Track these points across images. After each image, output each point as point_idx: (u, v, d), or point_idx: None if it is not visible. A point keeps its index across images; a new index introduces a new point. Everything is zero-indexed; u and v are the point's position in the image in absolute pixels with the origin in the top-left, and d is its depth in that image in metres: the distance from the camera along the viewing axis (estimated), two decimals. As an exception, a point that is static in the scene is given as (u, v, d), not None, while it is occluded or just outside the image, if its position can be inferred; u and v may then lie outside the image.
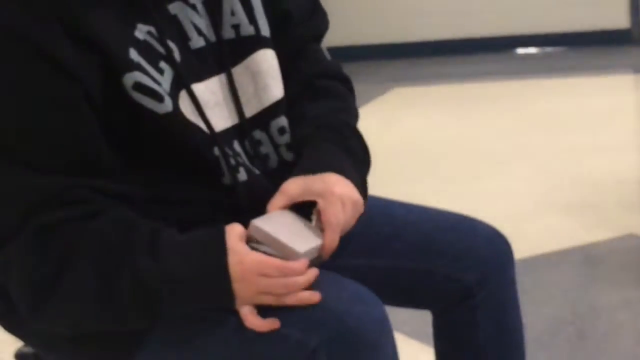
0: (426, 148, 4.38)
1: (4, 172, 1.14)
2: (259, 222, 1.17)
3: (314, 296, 1.13)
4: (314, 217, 1.22)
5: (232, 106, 1.31)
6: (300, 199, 1.23)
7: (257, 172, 1.30)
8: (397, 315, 1.29)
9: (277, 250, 1.16)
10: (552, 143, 4.21)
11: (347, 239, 1.31)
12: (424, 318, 1.49)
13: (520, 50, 6.30)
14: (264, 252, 1.16)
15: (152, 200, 1.20)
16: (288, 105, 1.35)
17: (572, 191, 3.53)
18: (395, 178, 3.70)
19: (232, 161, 1.25)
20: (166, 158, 1.21)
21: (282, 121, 1.33)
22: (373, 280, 1.29)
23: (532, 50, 6.34)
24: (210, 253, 1.14)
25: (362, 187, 1.30)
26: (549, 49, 6.25)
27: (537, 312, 1.55)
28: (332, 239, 1.19)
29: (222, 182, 1.24)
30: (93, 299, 1.15)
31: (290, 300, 1.14)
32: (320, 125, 1.34)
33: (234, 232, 1.15)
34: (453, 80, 5.75)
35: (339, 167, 1.28)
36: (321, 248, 1.19)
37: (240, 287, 1.13)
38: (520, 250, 1.52)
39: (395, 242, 1.44)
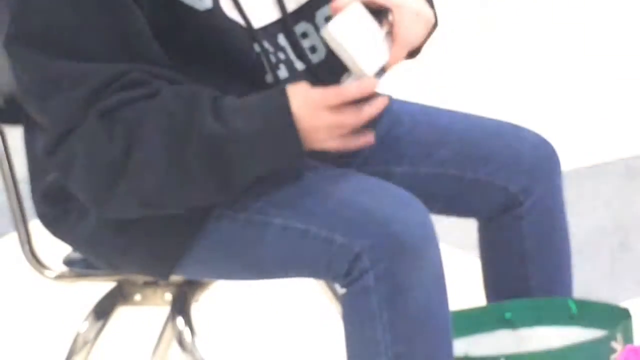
0: (467, 49, 4.05)
1: (62, 65, 1.11)
2: (332, 28, 1.09)
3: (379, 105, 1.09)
4: (384, 27, 1.13)
5: (273, 0, 1.27)
6: (375, 2, 1.17)
7: (299, 68, 1.25)
8: (441, 224, 1.24)
9: (346, 61, 1.10)
10: (594, 52, 3.90)
11: (386, 146, 1.33)
12: (469, 227, 1.45)
13: None
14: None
15: None
16: None
17: (612, 105, 3.42)
18: (432, 72, 3.47)
19: (273, 58, 1.21)
20: (209, 56, 1.17)
21: (328, 10, 1.26)
22: (417, 188, 1.24)
23: None
24: (272, 102, 1.11)
25: (432, 6, 1.26)
26: None
27: (579, 223, 1.50)
28: (399, 55, 1.13)
29: (264, 80, 1.20)
30: (164, 171, 1.12)
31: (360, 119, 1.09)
32: None
33: (296, 86, 1.12)
34: None
35: None
36: (386, 64, 1.14)
37: (307, 128, 1.10)
38: (565, 156, 1.49)
39: (440, 149, 1.38)
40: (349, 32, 1.11)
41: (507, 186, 1.34)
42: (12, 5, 1.15)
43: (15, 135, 1.41)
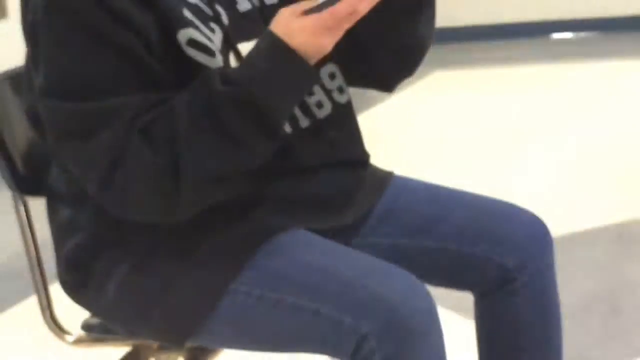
0: (463, 127, 4.29)
1: (95, 106, 1.17)
2: None
3: None
4: None
5: None
6: None
7: (304, 125, 1.31)
8: (445, 293, 1.31)
9: None
10: (587, 124, 4.11)
11: (384, 220, 1.37)
12: (465, 294, 1.50)
13: (556, 35, 6.20)
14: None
15: None
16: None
17: (606, 171, 3.48)
18: (425, 153, 3.77)
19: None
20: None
21: (331, 67, 1.34)
22: (417, 260, 1.32)
23: (567, 35, 6.23)
24: (264, 44, 1.15)
25: None
26: (583, 34, 6.16)
27: (571, 288, 1.56)
28: None
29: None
30: (214, 150, 1.17)
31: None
32: None
33: (277, 20, 1.16)
34: (489, 64, 5.66)
35: None
36: None
37: (313, 51, 1.13)
38: (555, 227, 1.51)
39: (439, 224, 1.42)
40: None
41: (503, 262, 1.37)
42: (41, 63, 1.21)
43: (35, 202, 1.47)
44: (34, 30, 1.22)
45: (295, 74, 1.17)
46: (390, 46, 1.39)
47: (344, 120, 1.40)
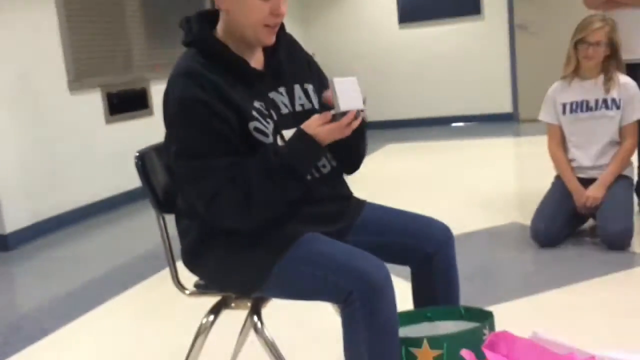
0: (403, 177, 5.47)
1: (203, 163, 1.47)
2: (335, 80, 1.48)
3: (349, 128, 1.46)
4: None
5: None
6: None
7: (316, 175, 1.62)
8: (393, 267, 1.60)
9: (334, 100, 1.47)
10: (472, 174, 5.29)
11: (360, 228, 1.69)
12: (405, 267, 1.79)
13: (454, 124, 7.92)
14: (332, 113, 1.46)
15: None
16: None
17: (481, 199, 4.36)
18: (384, 191, 4.90)
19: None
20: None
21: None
22: (377, 249, 1.59)
23: (459, 124, 7.98)
24: (298, 137, 1.50)
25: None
26: (467, 124, 7.96)
27: (464, 263, 1.85)
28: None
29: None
30: (268, 191, 1.46)
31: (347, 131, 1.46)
32: None
33: (307, 126, 1.48)
34: (418, 141, 7.21)
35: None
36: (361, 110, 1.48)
37: (325, 138, 1.48)
38: (455, 230, 1.83)
39: (390, 229, 1.71)
40: (340, 85, 1.48)
41: (426, 250, 1.69)
42: (174, 138, 1.53)
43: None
44: (170, 119, 1.54)
45: (314, 151, 1.51)
46: (350, 155, 1.75)
47: (337, 174, 1.69)
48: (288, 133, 1.58)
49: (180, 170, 1.52)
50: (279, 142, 1.57)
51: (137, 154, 1.77)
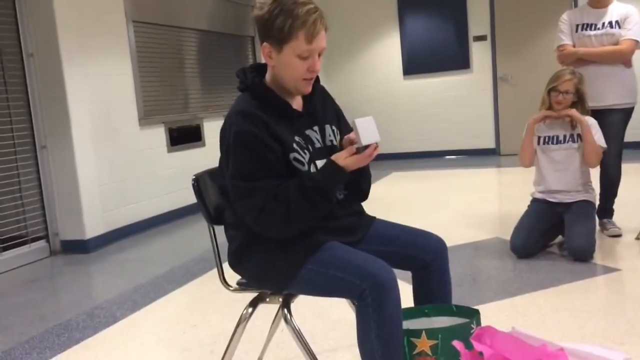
0: (406, 200, 5.38)
1: (252, 184, 1.48)
2: (357, 120, 1.49)
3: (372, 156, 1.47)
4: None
5: None
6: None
7: (334, 200, 1.63)
8: (397, 271, 1.54)
9: (356, 135, 1.48)
10: (462, 197, 5.19)
11: (371, 239, 1.67)
12: (407, 272, 1.76)
13: (447, 157, 7.88)
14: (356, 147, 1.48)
15: None
16: None
17: (469, 218, 4.27)
18: (390, 210, 4.76)
19: None
20: None
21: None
22: (385, 256, 1.59)
23: (452, 157, 7.95)
24: (329, 165, 1.51)
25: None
26: (458, 157, 7.93)
27: (455, 270, 1.77)
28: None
29: None
30: (305, 209, 1.47)
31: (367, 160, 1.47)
32: None
33: (337, 157, 1.49)
34: (418, 169, 7.17)
35: None
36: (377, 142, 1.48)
37: (350, 166, 1.49)
38: (448, 242, 1.79)
39: (395, 240, 1.70)
40: (361, 124, 1.50)
41: (425, 258, 1.68)
42: (231, 164, 1.52)
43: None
44: (227, 149, 1.53)
45: (342, 177, 1.53)
46: (358, 188, 1.74)
47: (349, 199, 1.69)
48: (320, 163, 1.60)
49: (234, 189, 1.52)
50: (312, 169, 1.59)
51: (194, 177, 1.78)
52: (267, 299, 1.72)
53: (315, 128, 1.63)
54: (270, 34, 1.50)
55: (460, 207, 4.81)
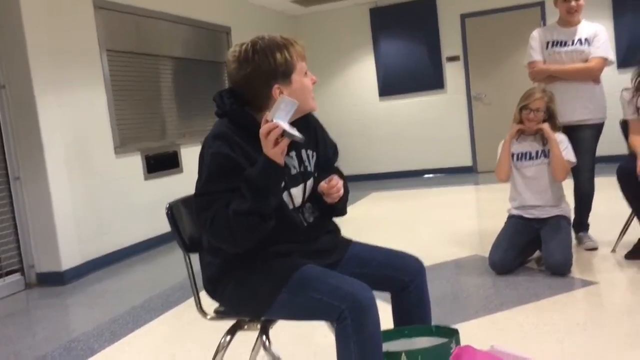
0: (385, 219, 5.42)
1: (212, 198, 1.47)
2: (284, 98, 1.43)
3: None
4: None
5: (301, 196, 1.64)
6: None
7: (307, 223, 1.64)
8: (377, 293, 1.51)
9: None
10: (440, 215, 5.25)
11: (348, 261, 1.67)
12: (386, 293, 1.73)
13: (425, 175, 7.99)
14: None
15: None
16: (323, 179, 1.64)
17: (448, 236, 4.31)
18: (370, 230, 4.79)
19: (301, 216, 1.63)
20: (278, 215, 1.53)
21: (312, 207, 1.68)
22: (363, 277, 1.54)
23: (429, 175, 8.06)
24: (262, 160, 1.44)
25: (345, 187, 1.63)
26: (436, 175, 8.06)
27: (434, 289, 1.76)
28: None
29: (297, 224, 1.60)
30: (242, 206, 1.43)
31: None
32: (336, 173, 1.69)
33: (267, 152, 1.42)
34: (396, 189, 7.19)
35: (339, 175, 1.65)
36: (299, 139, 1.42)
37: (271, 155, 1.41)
38: (426, 261, 1.80)
39: (372, 262, 1.69)
40: (283, 104, 1.43)
41: (403, 279, 1.68)
42: (198, 183, 1.52)
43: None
44: (201, 170, 1.54)
45: (270, 169, 1.47)
46: (335, 210, 1.72)
47: (321, 221, 1.69)
48: (294, 190, 1.61)
49: (197, 205, 1.51)
50: (286, 197, 1.59)
51: (167, 206, 1.77)
52: (245, 326, 1.70)
53: (292, 154, 1.62)
54: (276, 75, 1.53)
55: (440, 225, 4.83)
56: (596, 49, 3.42)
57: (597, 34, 3.45)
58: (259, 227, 1.47)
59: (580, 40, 3.45)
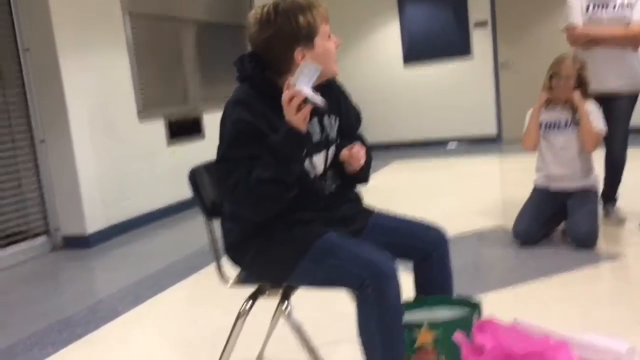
0: (407, 189, 5.39)
1: (235, 164, 1.46)
2: (306, 63, 1.41)
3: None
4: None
5: (323, 163, 1.63)
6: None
7: (328, 192, 1.63)
8: (398, 261, 1.51)
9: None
10: (464, 186, 5.19)
11: (371, 230, 1.65)
12: (409, 262, 1.73)
13: (449, 146, 7.82)
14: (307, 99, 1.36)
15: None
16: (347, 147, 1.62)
17: (471, 206, 4.26)
18: (391, 200, 4.69)
19: (323, 184, 1.62)
20: (300, 182, 1.52)
21: (333, 176, 1.66)
22: (386, 245, 1.57)
23: (452, 145, 7.87)
24: (284, 129, 1.42)
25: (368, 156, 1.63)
26: (460, 145, 7.87)
27: (457, 259, 1.76)
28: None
29: (319, 192, 1.60)
30: (265, 173, 1.42)
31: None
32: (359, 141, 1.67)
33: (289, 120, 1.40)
34: (420, 158, 7.13)
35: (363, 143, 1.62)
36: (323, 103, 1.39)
37: (294, 122, 1.39)
38: (449, 231, 1.78)
39: (396, 230, 1.69)
40: (306, 69, 1.39)
41: (425, 248, 1.67)
42: (220, 149, 1.51)
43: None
44: (222, 135, 1.52)
45: (294, 138, 1.46)
46: (357, 178, 1.71)
47: (342, 189, 1.68)
48: (316, 157, 1.59)
49: (219, 172, 1.51)
50: (308, 164, 1.57)
51: (190, 171, 1.77)
52: (267, 292, 1.70)
53: (314, 120, 1.60)
54: (299, 37, 1.50)
55: (463, 196, 4.79)
56: (638, 14, 3.26)
57: None
58: (282, 196, 1.46)
59: (622, 4, 3.29)
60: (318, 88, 1.49)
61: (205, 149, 5.60)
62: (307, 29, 1.50)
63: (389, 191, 5.38)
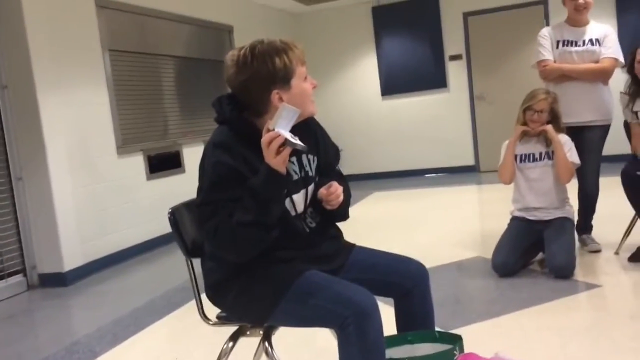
0: (387, 219, 5.42)
1: (216, 208, 1.46)
2: (285, 105, 1.41)
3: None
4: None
5: (303, 202, 1.62)
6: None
7: (312, 226, 1.63)
8: (379, 297, 1.49)
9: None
10: (443, 216, 5.28)
11: (351, 267, 1.65)
12: (389, 299, 1.72)
13: (427, 175, 7.96)
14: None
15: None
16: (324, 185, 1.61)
17: (450, 237, 4.30)
18: (371, 231, 4.89)
19: (303, 222, 1.61)
20: (280, 221, 1.51)
21: (313, 212, 1.66)
22: (365, 283, 1.54)
23: (431, 175, 8.03)
24: (264, 169, 1.43)
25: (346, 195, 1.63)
26: (438, 174, 8.05)
27: (437, 290, 1.73)
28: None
29: (300, 230, 1.59)
30: (246, 216, 1.42)
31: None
32: (338, 178, 1.68)
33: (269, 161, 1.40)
34: (398, 189, 7.19)
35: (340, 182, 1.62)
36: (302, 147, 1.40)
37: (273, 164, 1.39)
38: (429, 263, 1.79)
39: (375, 267, 1.69)
40: (285, 112, 1.41)
41: (405, 284, 1.67)
42: (201, 192, 1.51)
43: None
44: (203, 179, 1.54)
45: (273, 178, 1.47)
46: (336, 215, 1.70)
47: (322, 226, 1.68)
48: (296, 197, 1.59)
49: (200, 215, 1.51)
50: (288, 203, 1.57)
51: (170, 210, 1.75)
52: (248, 332, 1.69)
53: (293, 159, 1.61)
54: (275, 79, 1.51)
55: (442, 226, 4.83)
56: (607, 50, 3.40)
57: (607, 34, 3.43)
58: (263, 238, 1.47)
59: (591, 40, 3.43)
60: (296, 126, 1.50)
61: (185, 182, 5.58)
62: (283, 71, 1.51)
63: (369, 222, 5.40)
